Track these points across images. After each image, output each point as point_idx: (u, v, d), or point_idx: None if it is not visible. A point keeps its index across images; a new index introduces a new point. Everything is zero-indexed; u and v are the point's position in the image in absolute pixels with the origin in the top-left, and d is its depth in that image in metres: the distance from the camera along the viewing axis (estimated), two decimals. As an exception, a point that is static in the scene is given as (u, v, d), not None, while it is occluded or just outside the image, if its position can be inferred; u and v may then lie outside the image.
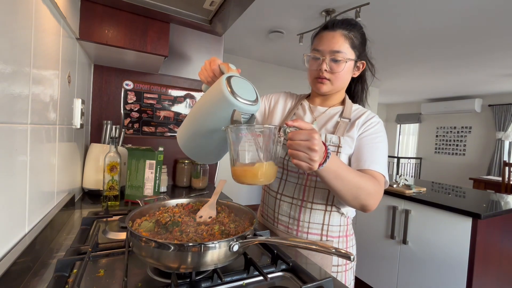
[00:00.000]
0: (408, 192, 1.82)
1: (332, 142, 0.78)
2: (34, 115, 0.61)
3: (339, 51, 0.75)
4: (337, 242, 0.83)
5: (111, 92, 1.40)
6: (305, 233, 0.82)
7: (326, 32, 0.78)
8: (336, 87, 0.81)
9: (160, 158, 1.12)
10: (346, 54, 0.76)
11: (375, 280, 2.03)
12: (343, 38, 0.76)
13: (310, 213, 0.81)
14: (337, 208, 0.82)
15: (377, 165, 0.74)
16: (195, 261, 0.47)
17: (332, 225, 0.82)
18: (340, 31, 0.76)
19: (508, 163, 3.87)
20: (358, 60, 0.81)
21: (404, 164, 6.98)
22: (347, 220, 0.86)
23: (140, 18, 1.12)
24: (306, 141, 0.53)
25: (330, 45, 0.76)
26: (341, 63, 0.76)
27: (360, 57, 0.82)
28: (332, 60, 0.77)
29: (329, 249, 0.47)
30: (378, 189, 0.70)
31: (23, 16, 0.54)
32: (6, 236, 0.51)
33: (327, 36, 0.77)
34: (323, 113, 0.86)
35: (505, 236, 1.64)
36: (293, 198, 0.83)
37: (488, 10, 2.32)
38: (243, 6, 1.05)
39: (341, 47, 0.76)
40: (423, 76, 4.60)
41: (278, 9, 2.53)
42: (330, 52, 0.76)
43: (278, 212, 0.87)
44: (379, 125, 0.81)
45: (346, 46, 0.76)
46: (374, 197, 0.69)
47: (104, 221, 0.87)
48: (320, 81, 0.80)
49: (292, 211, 0.83)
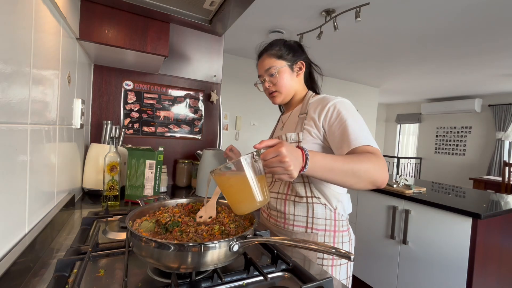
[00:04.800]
0: (408, 192, 1.82)
1: (292, 139, 0.85)
2: (34, 115, 0.61)
3: (269, 67, 0.91)
4: (322, 235, 0.85)
5: (111, 92, 1.40)
6: (291, 225, 0.88)
7: (258, 61, 0.97)
8: (286, 94, 0.94)
9: (160, 158, 1.12)
10: (276, 66, 0.91)
11: (375, 280, 2.03)
12: (269, 57, 0.92)
13: (294, 206, 0.87)
14: (318, 200, 0.85)
15: (361, 139, 0.73)
16: (195, 261, 0.47)
17: (317, 217, 0.85)
18: (265, 54, 0.93)
19: (508, 163, 3.87)
20: (293, 64, 0.93)
21: (404, 164, 6.98)
22: (335, 214, 0.86)
23: (140, 18, 1.12)
24: (276, 157, 0.56)
25: (262, 67, 0.94)
26: (275, 74, 0.91)
27: (295, 60, 0.93)
28: (269, 76, 0.92)
29: (329, 249, 0.47)
30: (375, 161, 0.68)
31: (23, 16, 0.54)
32: (6, 236, 0.51)
33: (259, 63, 0.96)
34: (288, 118, 0.97)
35: (505, 236, 1.64)
36: (278, 193, 0.91)
37: (488, 10, 2.32)
38: (243, 6, 1.05)
39: (269, 63, 0.91)
40: (423, 76, 4.60)
41: (278, 9, 2.53)
42: (265, 72, 0.93)
43: (269, 207, 0.95)
44: (339, 104, 0.81)
45: (273, 60, 0.91)
46: (376, 170, 0.68)
47: (104, 221, 0.87)
48: (271, 96, 0.95)
49: (278, 205, 0.90)
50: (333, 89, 5.15)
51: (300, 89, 0.96)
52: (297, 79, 0.95)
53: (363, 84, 5.57)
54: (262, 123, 4.42)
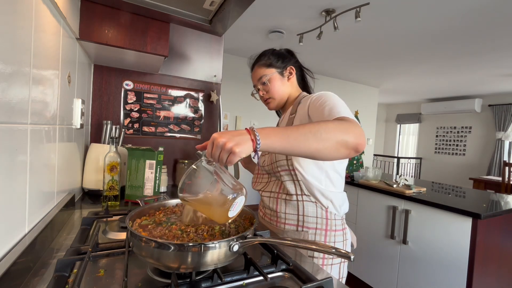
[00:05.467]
0: (408, 192, 1.82)
1: None
2: (34, 115, 0.61)
3: (261, 77, 0.97)
4: (313, 233, 0.86)
5: (111, 92, 1.40)
6: (282, 224, 0.90)
7: (252, 73, 1.02)
8: (279, 99, 0.98)
9: (160, 158, 1.12)
10: (266, 75, 0.96)
11: (375, 280, 2.03)
12: (259, 67, 0.97)
13: (286, 204, 0.90)
14: (308, 197, 0.87)
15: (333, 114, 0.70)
16: (195, 261, 0.47)
17: (308, 215, 0.87)
18: (256, 65, 0.99)
19: (508, 163, 3.87)
20: (282, 70, 0.97)
21: (404, 164, 6.98)
22: (326, 213, 0.87)
23: (140, 18, 1.12)
24: (213, 146, 0.54)
25: (255, 78, 0.99)
26: (267, 82, 0.96)
27: (284, 66, 0.97)
28: (262, 84, 0.97)
29: (329, 249, 0.47)
30: (341, 122, 0.63)
31: (23, 16, 0.54)
32: (6, 236, 0.51)
33: (252, 74, 1.01)
34: (282, 120, 1.02)
35: (505, 236, 1.64)
36: (271, 192, 0.95)
37: (488, 10, 2.32)
38: (243, 6, 1.05)
39: (261, 73, 0.97)
40: (423, 76, 4.60)
41: (278, 9, 2.53)
42: (258, 81, 0.98)
43: (264, 206, 0.99)
44: (322, 93, 0.82)
45: (263, 69, 0.96)
46: (343, 129, 0.61)
47: (104, 221, 0.87)
48: (266, 102, 1.00)
49: (271, 203, 0.93)
50: (333, 89, 5.14)
51: (293, 92, 1.00)
52: (288, 83, 0.98)
53: (363, 84, 5.57)
54: (262, 123, 4.42)
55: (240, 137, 0.54)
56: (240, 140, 0.54)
